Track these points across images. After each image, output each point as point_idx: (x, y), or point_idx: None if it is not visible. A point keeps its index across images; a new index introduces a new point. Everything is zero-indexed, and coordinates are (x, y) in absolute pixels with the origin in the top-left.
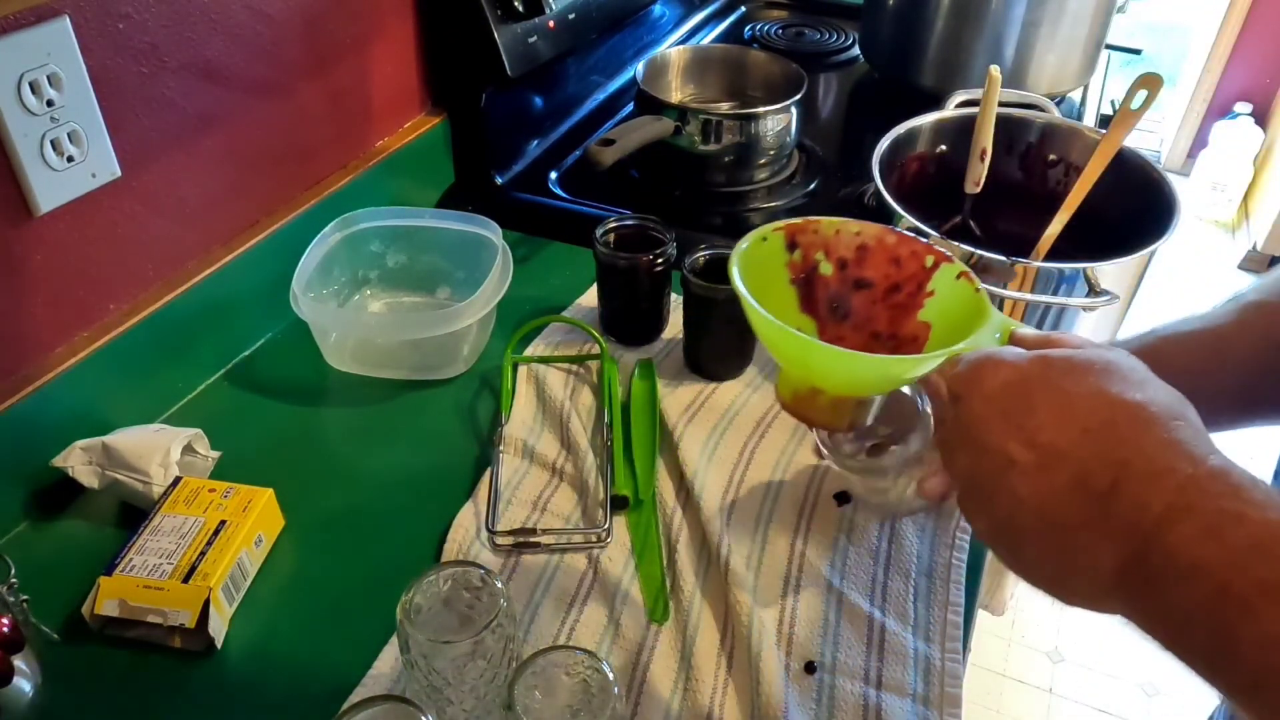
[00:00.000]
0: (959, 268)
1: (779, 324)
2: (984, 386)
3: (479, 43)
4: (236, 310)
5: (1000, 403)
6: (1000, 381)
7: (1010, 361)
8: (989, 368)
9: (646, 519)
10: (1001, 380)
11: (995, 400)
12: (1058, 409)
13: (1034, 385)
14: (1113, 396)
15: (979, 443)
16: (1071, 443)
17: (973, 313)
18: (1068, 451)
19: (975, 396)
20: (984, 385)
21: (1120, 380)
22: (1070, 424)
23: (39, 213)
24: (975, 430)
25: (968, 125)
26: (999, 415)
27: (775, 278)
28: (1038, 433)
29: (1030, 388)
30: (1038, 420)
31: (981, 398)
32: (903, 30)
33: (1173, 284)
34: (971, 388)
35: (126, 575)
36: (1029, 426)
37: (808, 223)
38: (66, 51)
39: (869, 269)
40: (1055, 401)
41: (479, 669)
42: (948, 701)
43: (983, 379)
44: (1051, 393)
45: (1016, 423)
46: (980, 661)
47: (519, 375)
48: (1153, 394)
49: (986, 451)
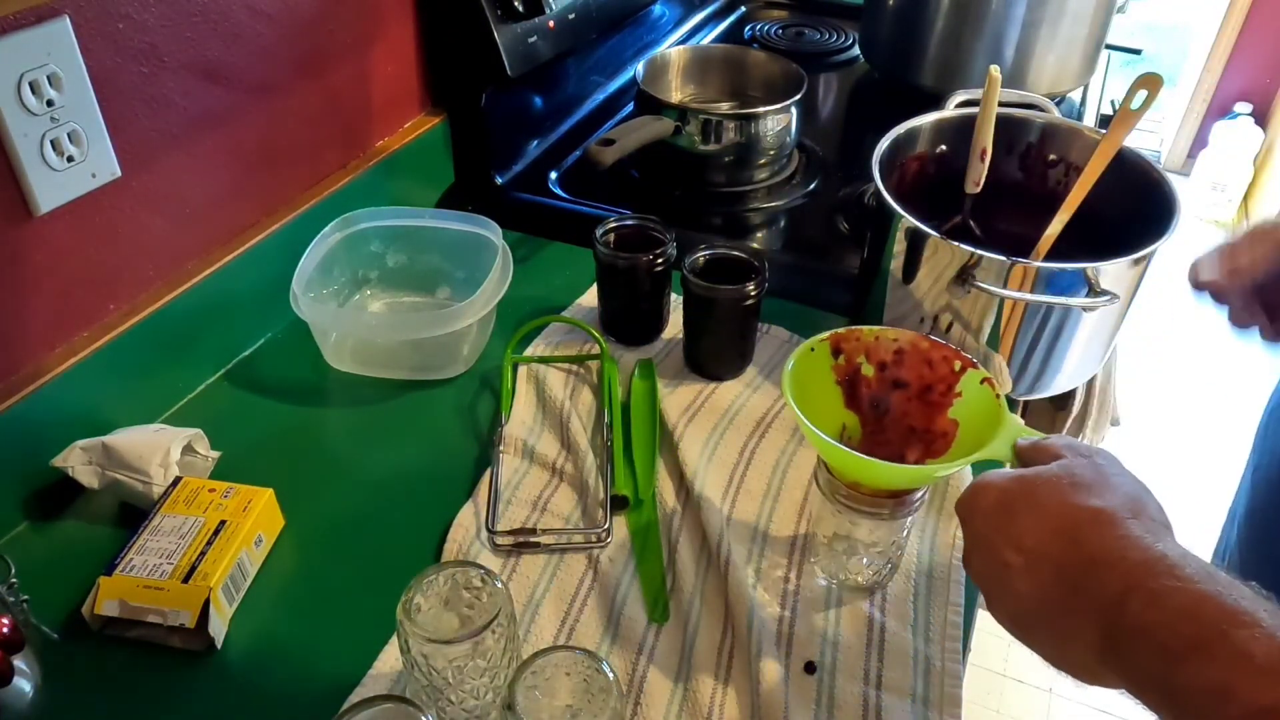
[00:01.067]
0: (982, 374)
1: (825, 438)
2: (980, 508)
3: (479, 43)
4: (236, 310)
5: (993, 519)
6: (991, 502)
7: (996, 484)
8: (980, 492)
9: (646, 519)
10: (991, 501)
11: (990, 517)
12: (1035, 519)
13: (1015, 501)
14: (1077, 505)
15: (984, 553)
16: (1048, 545)
17: (992, 417)
18: (1047, 553)
19: (975, 517)
20: (979, 507)
21: (1084, 490)
22: (1045, 530)
23: (39, 213)
24: (979, 543)
25: (968, 125)
26: (994, 529)
27: (823, 380)
28: (1022, 539)
29: (1013, 503)
30: (1020, 529)
31: (980, 517)
32: (903, 30)
33: (1173, 284)
34: (971, 510)
35: (126, 575)
36: (1015, 535)
37: (850, 332)
38: (66, 51)
39: (905, 371)
40: (1033, 513)
41: (479, 669)
42: (948, 701)
43: (977, 502)
44: (1029, 506)
45: (1006, 533)
46: (980, 661)
47: (519, 375)
48: (1110, 499)
49: (990, 559)
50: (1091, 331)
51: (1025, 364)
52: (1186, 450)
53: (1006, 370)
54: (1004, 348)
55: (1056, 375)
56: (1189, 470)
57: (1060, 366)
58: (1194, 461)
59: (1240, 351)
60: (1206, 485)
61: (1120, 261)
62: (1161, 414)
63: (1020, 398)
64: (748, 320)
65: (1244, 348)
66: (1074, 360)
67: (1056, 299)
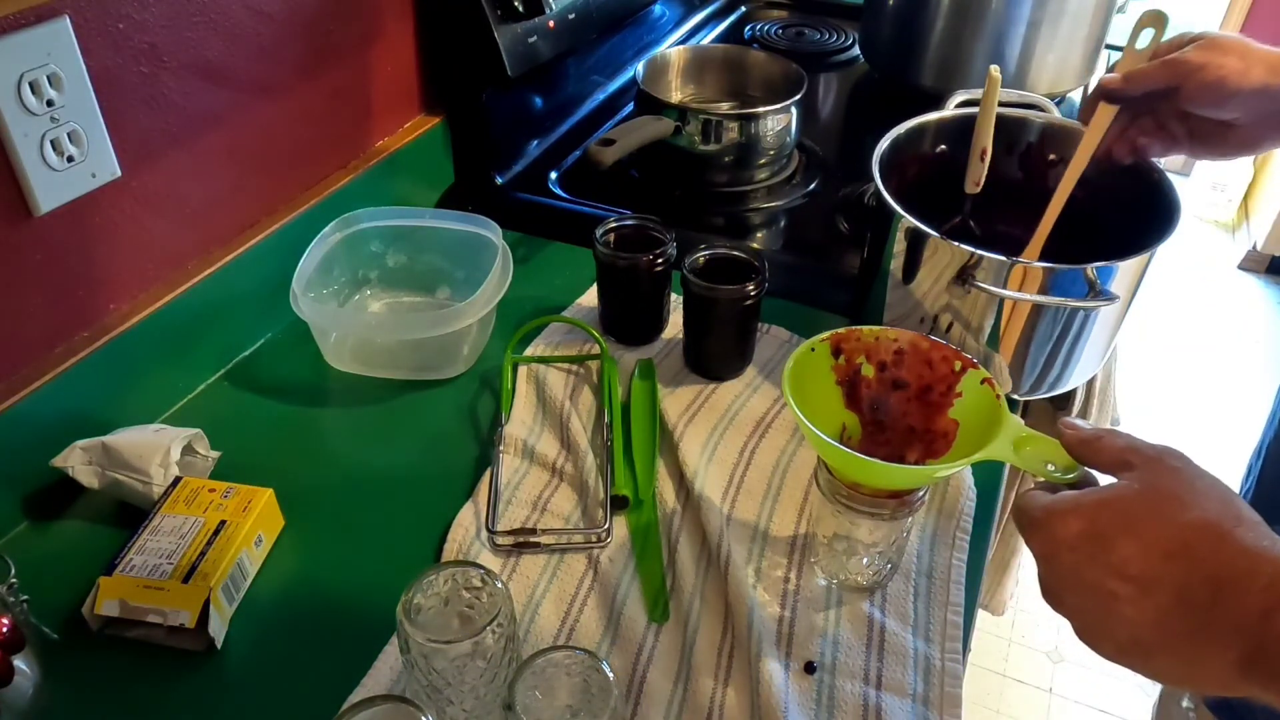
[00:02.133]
0: (983, 374)
1: (825, 439)
2: (1062, 540)
3: (479, 43)
4: (236, 310)
5: (1083, 549)
6: (1075, 532)
7: (1076, 510)
8: (1058, 522)
9: (646, 519)
10: (1075, 531)
11: (1079, 548)
12: (1137, 542)
13: (1106, 526)
14: (1179, 522)
15: (1080, 587)
16: (1161, 569)
17: (993, 418)
18: (1160, 577)
19: (1060, 551)
20: (1061, 539)
21: (1177, 503)
22: (1151, 553)
23: (39, 213)
24: (1073, 578)
25: (968, 125)
26: (1087, 560)
27: (823, 380)
28: (1126, 566)
29: (1104, 530)
30: (1122, 556)
31: (1065, 549)
32: (903, 30)
33: (1173, 284)
34: (1053, 545)
35: (126, 575)
36: (1116, 563)
37: (850, 332)
38: (66, 51)
39: (905, 371)
40: (1132, 536)
41: (479, 669)
42: (948, 701)
43: (1057, 534)
44: (1126, 529)
45: (1105, 562)
46: (980, 661)
47: (519, 375)
48: (1208, 506)
49: (1090, 592)
50: (1092, 331)
51: (1025, 364)
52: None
53: (1007, 370)
54: (1004, 348)
55: (1057, 375)
56: None
57: (1060, 366)
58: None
59: (1240, 351)
60: None
61: (1120, 262)
62: (1161, 414)
63: (1020, 398)
64: (748, 320)
65: (1244, 348)
66: (1074, 360)
67: (1056, 299)
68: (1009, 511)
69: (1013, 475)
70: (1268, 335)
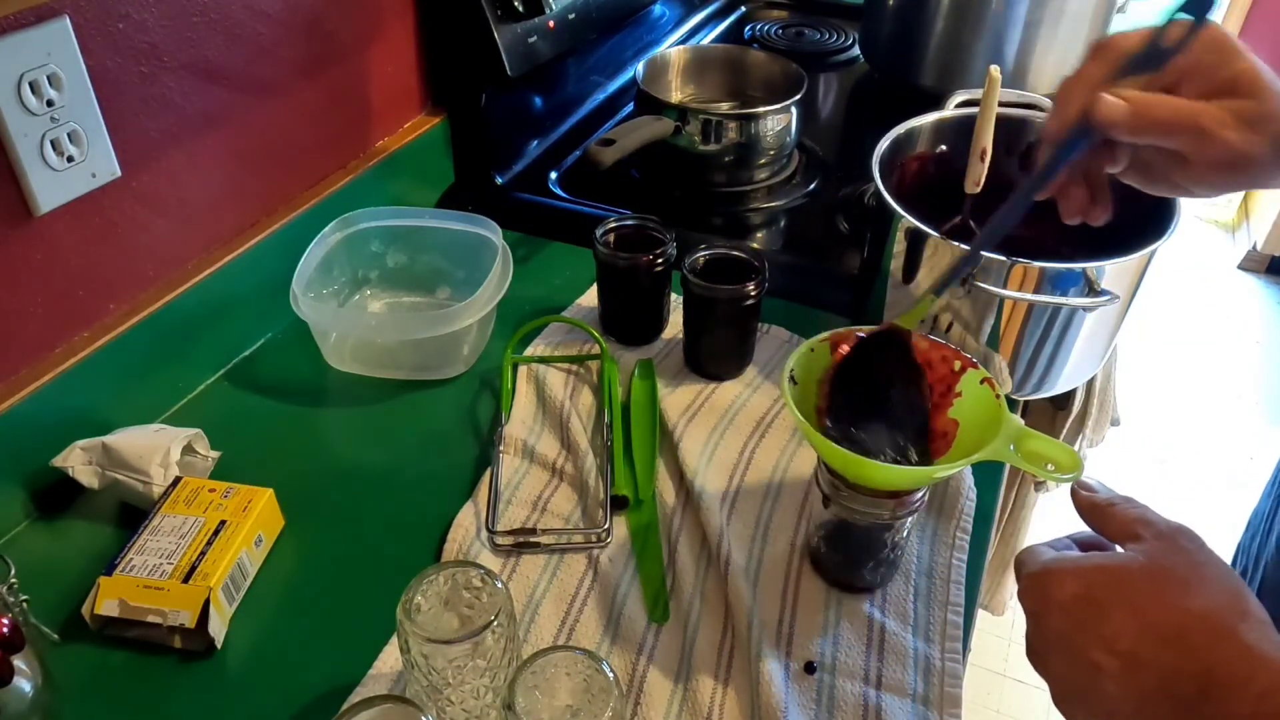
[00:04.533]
0: (982, 373)
1: (826, 440)
2: (1055, 601)
3: (479, 43)
4: (236, 310)
5: (1075, 614)
6: (1069, 595)
7: (1073, 572)
8: (1054, 582)
9: (646, 519)
10: (1070, 594)
11: (1070, 612)
12: (1129, 617)
13: (1100, 595)
14: (1179, 606)
15: (1065, 652)
16: (1151, 651)
17: (993, 417)
18: (1149, 659)
19: (1051, 611)
20: (1055, 599)
21: (1181, 587)
22: (1146, 633)
23: (39, 213)
24: (1059, 642)
25: (968, 125)
26: (1077, 626)
27: (823, 379)
28: (1115, 640)
29: (1099, 598)
30: (1113, 628)
31: (1057, 611)
32: (903, 30)
33: (1173, 284)
34: (1044, 604)
35: (126, 575)
36: (1106, 635)
37: (850, 331)
38: (66, 51)
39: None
40: (1127, 611)
41: (479, 669)
42: (948, 701)
43: (1051, 594)
44: (1123, 603)
45: (1095, 632)
46: (980, 661)
47: (519, 375)
48: (1213, 597)
49: (1074, 660)
50: (1091, 331)
51: (1025, 364)
52: (1187, 450)
53: (1006, 370)
54: (1004, 348)
55: (1057, 375)
56: (1189, 470)
57: (1060, 366)
58: (1194, 461)
59: (1240, 351)
60: (1207, 485)
61: (1120, 261)
62: (1161, 414)
63: (1020, 398)
64: (748, 320)
65: (1244, 348)
66: (1074, 360)
67: (1056, 299)
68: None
69: (1013, 475)
70: (1268, 335)
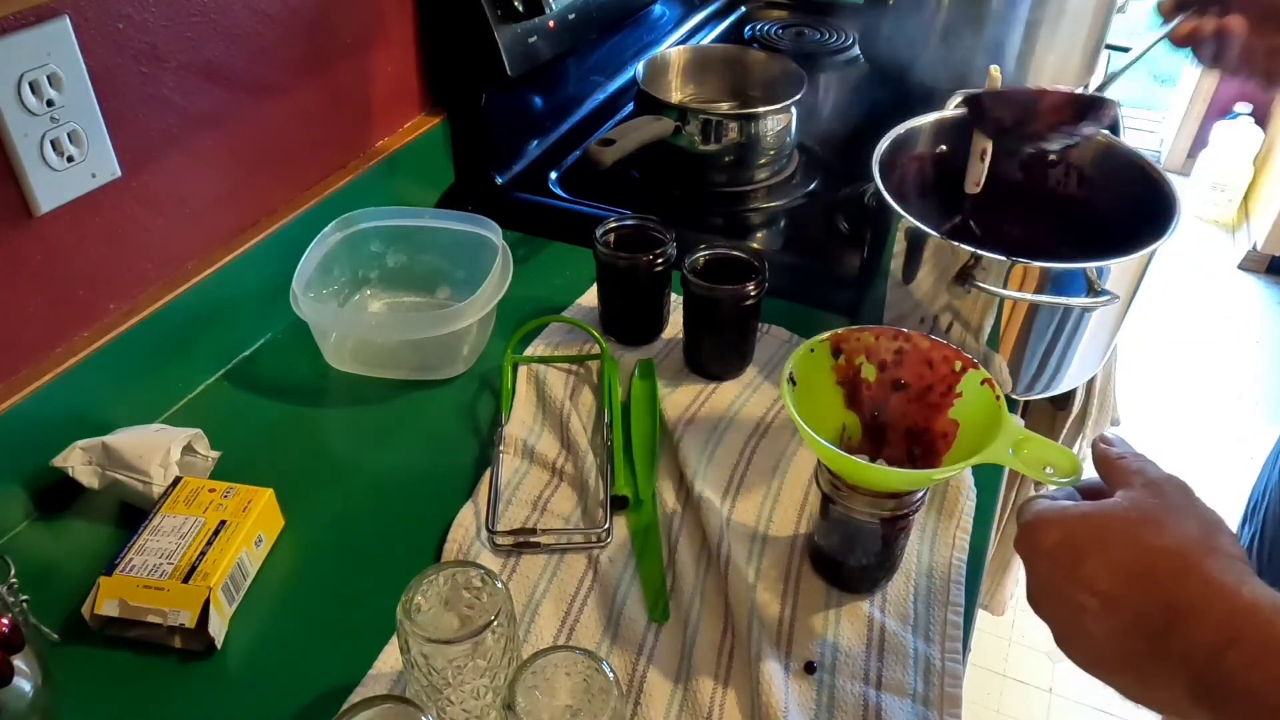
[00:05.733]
0: (983, 374)
1: (824, 443)
2: (1042, 547)
3: (479, 43)
4: (236, 310)
5: (1058, 558)
6: (1053, 541)
7: (1057, 521)
8: (1041, 530)
9: (646, 519)
10: (1054, 540)
11: (1053, 557)
12: (1105, 559)
13: (1081, 540)
14: (1150, 545)
15: (1053, 596)
16: (1124, 589)
17: (993, 418)
18: (1122, 597)
19: (1038, 557)
20: (1041, 546)
21: (1154, 527)
22: (1118, 572)
23: (39, 213)
24: (1047, 585)
25: (968, 125)
26: (1060, 570)
27: (823, 381)
28: (1094, 581)
29: (1079, 542)
30: (1091, 570)
31: (1044, 557)
32: (903, 30)
33: (1173, 284)
34: (1034, 551)
35: (126, 575)
36: (1085, 576)
37: (850, 332)
38: (66, 51)
39: (906, 371)
40: (1102, 553)
41: (479, 669)
42: (948, 701)
43: (1039, 541)
44: (1098, 546)
45: (1075, 574)
46: (980, 661)
47: (519, 375)
48: (1184, 534)
49: (1061, 603)
50: (1091, 331)
51: (1025, 364)
52: (1187, 450)
53: (1006, 370)
54: (1004, 348)
55: (1057, 375)
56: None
57: (1060, 366)
58: (1195, 461)
59: (1240, 351)
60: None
61: (1120, 261)
62: (1161, 414)
63: (1020, 398)
64: (748, 320)
65: (1244, 348)
66: (1074, 360)
67: (1056, 299)
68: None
69: (1013, 475)
70: (1268, 335)
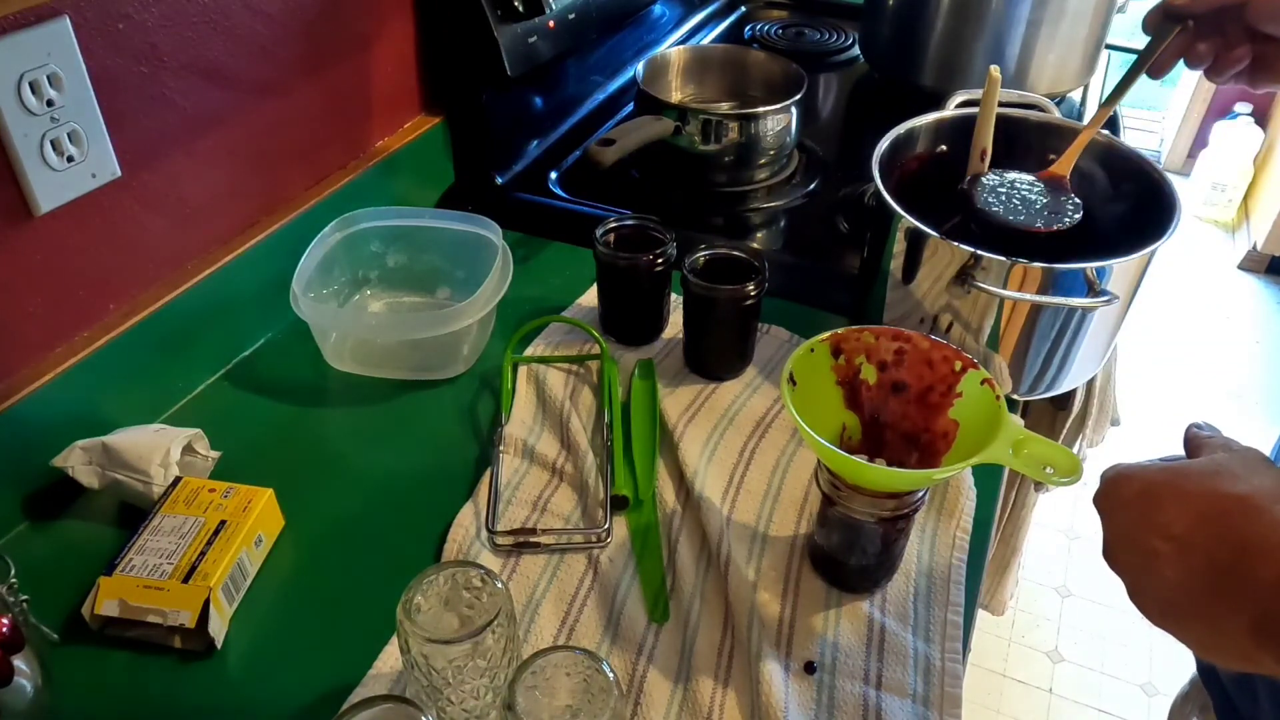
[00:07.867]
0: (983, 374)
1: (825, 444)
2: (1121, 498)
3: (479, 43)
4: (236, 310)
5: (1137, 508)
6: (1133, 491)
7: (1139, 474)
8: (1123, 482)
9: (646, 519)
10: (1134, 490)
11: (1132, 506)
12: (1181, 505)
13: (1160, 489)
14: (1224, 492)
15: (1130, 544)
16: (1196, 532)
17: (992, 419)
18: (1196, 540)
19: (1117, 509)
20: (1121, 497)
21: (1229, 478)
22: (1192, 517)
23: (39, 213)
24: (1124, 535)
25: (968, 125)
26: (1138, 518)
27: (823, 381)
28: (1169, 526)
29: (1157, 491)
30: (1167, 517)
31: (1123, 507)
32: (903, 30)
33: (1173, 284)
34: (1113, 502)
35: (126, 575)
36: (1161, 523)
37: (850, 332)
38: (66, 51)
39: (906, 371)
40: (1179, 500)
41: (479, 669)
42: (948, 701)
43: (1120, 492)
44: (1175, 494)
45: (1152, 521)
46: (980, 661)
47: (519, 375)
48: (1258, 485)
49: (1137, 550)
50: (1092, 332)
51: (1025, 364)
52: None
53: (1006, 370)
54: (1004, 348)
55: (1057, 375)
56: None
57: (1060, 367)
58: None
59: (1240, 351)
60: None
61: (1120, 261)
62: (1161, 414)
63: (1020, 398)
64: (748, 320)
65: (1244, 348)
66: (1074, 360)
67: (1056, 299)
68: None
69: (1013, 475)
70: (1267, 335)
